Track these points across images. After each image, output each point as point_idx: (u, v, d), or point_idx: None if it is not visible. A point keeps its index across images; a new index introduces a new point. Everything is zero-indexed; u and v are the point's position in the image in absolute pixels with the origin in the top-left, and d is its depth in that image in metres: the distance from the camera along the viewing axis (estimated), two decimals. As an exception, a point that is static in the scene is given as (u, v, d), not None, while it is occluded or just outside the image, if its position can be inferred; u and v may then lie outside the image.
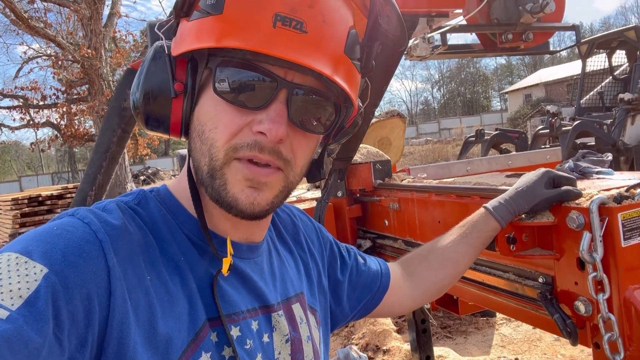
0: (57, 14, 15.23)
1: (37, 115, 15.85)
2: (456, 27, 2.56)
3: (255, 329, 0.77)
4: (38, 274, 0.56)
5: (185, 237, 0.74)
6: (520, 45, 2.80)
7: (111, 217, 0.68)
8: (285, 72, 0.68)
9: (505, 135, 8.01)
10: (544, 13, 2.62)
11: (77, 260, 0.60)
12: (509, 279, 1.35)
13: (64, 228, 0.63)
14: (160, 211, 0.75)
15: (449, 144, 25.92)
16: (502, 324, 3.37)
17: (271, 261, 0.88)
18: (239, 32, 0.65)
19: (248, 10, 0.66)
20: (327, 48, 0.69)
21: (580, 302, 1.12)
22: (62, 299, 0.56)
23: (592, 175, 1.54)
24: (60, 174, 35.36)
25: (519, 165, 2.61)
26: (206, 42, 0.66)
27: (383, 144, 2.60)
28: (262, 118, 0.68)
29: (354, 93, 0.76)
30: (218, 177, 0.70)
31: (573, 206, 1.11)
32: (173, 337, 0.66)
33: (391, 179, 2.01)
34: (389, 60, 1.34)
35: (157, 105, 0.72)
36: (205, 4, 0.68)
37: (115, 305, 0.61)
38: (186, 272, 0.72)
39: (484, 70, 59.97)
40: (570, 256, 1.14)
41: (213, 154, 0.69)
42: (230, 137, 0.68)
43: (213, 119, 0.70)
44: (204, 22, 0.67)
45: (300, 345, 0.84)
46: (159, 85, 0.71)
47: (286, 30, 0.65)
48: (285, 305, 0.85)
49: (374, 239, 2.03)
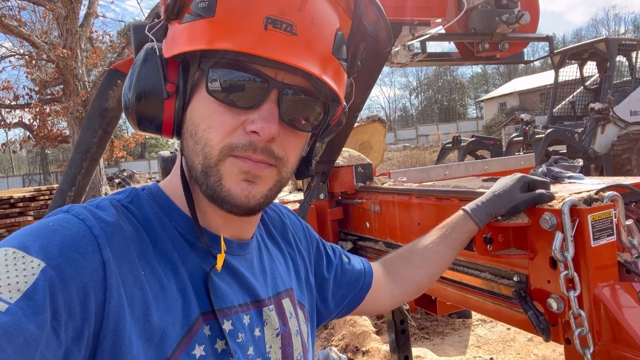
0: (31, 13, 14.90)
1: (8, 116, 15.42)
2: (435, 36, 2.64)
3: (247, 323, 0.79)
4: (36, 268, 0.57)
5: (177, 234, 0.76)
6: (496, 54, 2.90)
7: (105, 213, 0.69)
8: (276, 72, 0.71)
9: (481, 142, 8.19)
10: (519, 24, 2.72)
11: (73, 255, 0.61)
12: (485, 278, 1.41)
13: (60, 224, 0.64)
14: (152, 209, 0.77)
15: (427, 150, 26.28)
16: (478, 325, 3.44)
17: (261, 257, 0.90)
18: (231, 35, 0.67)
19: (239, 13, 0.68)
20: (316, 49, 0.72)
21: (553, 300, 1.17)
22: (59, 292, 0.58)
23: (564, 180, 1.61)
24: (31, 175, 34.45)
25: (495, 170, 2.69)
26: (199, 44, 0.68)
27: (364, 148, 2.64)
28: (255, 117, 0.70)
29: (342, 92, 0.79)
30: (213, 173, 0.72)
31: (546, 208, 1.17)
32: (167, 330, 0.67)
33: (372, 182, 2.06)
34: (373, 64, 1.38)
35: (150, 106, 0.73)
36: (197, 7, 0.69)
37: (111, 299, 0.62)
38: (179, 268, 0.73)
39: (460, 79, 61.05)
40: (543, 255, 1.20)
41: (207, 153, 0.71)
42: (224, 137, 0.71)
43: (206, 119, 0.72)
44: (197, 25, 0.69)
45: (289, 339, 0.87)
46: (151, 86, 0.73)
47: (277, 33, 0.68)
48: (276, 300, 0.87)
49: (355, 241, 2.06)
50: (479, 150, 8.35)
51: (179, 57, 0.72)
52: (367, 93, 1.51)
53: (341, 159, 2.03)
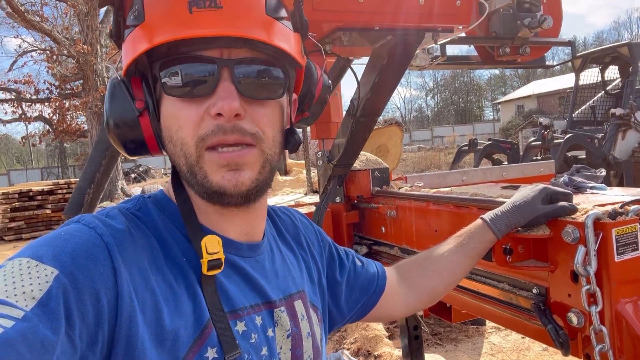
0: (53, 9, 15.16)
1: (29, 109, 15.74)
2: (455, 39, 2.61)
3: (260, 323, 0.80)
4: (49, 276, 0.59)
5: (184, 239, 0.77)
6: (517, 58, 2.86)
7: (115, 222, 0.71)
8: (220, 51, 0.72)
9: (497, 146, 8.10)
10: (541, 28, 2.68)
11: (85, 262, 0.63)
12: (504, 289, 1.39)
13: (71, 233, 0.66)
14: (159, 215, 0.78)
15: (442, 151, 26.07)
16: (492, 333, 3.40)
17: (273, 259, 0.90)
18: (161, 29, 0.70)
19: (164, 7, 0.71)
20: (247, 15, 0.72)
21: (573, 314, 1.15)
22: (72, 299, 0.59)
23: (586, 190, 1.58)
24: (49, 169, 35.03)
25: (513, 176, 2.65)
26: (137, 50, 0.71)
27: (380, 151, 2.63)
28: (214, 101, 0.71)
29: (295, 50, 0.78)
30: (197, 171, 0.73)
31: (569, 220, 1.15)
32: (180, 334, 0.68)
33: (389, 187, 2.04)
34: (394, 68, 1.37)
35: (128, 129, 0.77)
36: (131, 20, 0.74)
37: (123, 305, 0.63)
38: (188, 273, 0.74)
39: (477, 80, 60.48)
40: (564, 269, 1.18)
41: (186, 152, 0.73)
42: (194, 131, 0.72)
43: (175, 120, 0.74)
44: (134, 35, 0.73)
45: (300, 341, 0.87)
46: (122, 110, 0.76)
47: (203, 12, 0.69)
48: (287, 302, 0.88)
49: (370, 245, 2.05)
50: (495, 153, 8.25)
51: (134, 72, 0.76)
52: (387, 97, 1.50)
53: (358, 162, 2.02)
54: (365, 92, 1.43)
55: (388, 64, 1.36)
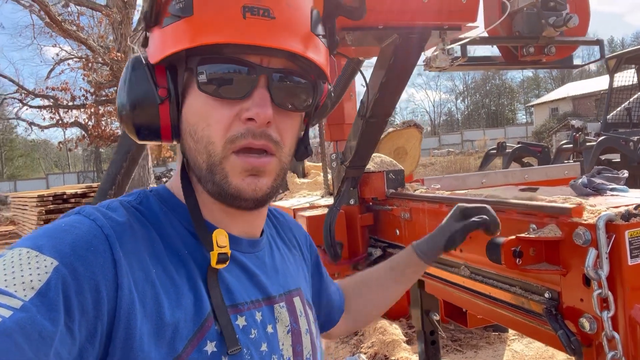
0: (89, 18, 15.70)
1: (66, 115, 16.30)
2: (476, 39, 2.57)
3: (260, 319, 0.80)
4: (49, 267, 0.58)
5: (186, 231, 0.77)
6: (542, 58, 2.78)
7: (116, 214, 0.71)
8: (261, 58, 0.72)
9: (527, 149, 7.90)
10: (567, 27, 2.60)
11: (85, 254, 0.62)
12: (516, 292, 1.35)
13: (72, 224, 0.66)
14: (161, 209, 0.78)
15: (472, 155, 25.63)
16: (514, 340, 3.31)
17: (273, 255, 0.91)
18: (212, 29, 0.69)
19: (216, 7, 0.69)
20: (295, 29, 0.73)
21: (585, 319, 1.11)
22: (72, 290, 0.59)
23: (605, 192, 1.53)
24: (85, 172, 36.17)
25: (536, 179, 2.58)
26: (182, 44, 0.70)
27: (399, 153, 2.60)
28: (249, 105, 0.72)
29: (327, 68, 0.81)
30: (218, 171, 0.73)
31: (581, 222, 1.11)
32: (179, 326, 0.68)
33: (404, 189, 2.02)
34: (402, 67, 1.36)
35: (145, 114, 0.75)
36: (175, 9, 0.71)
37: (123, 297, 0.63)
38: (191, 266, 0.74)
39: (509, 83, 59.27)
40: (576, 272, 1.14)
41: (211, 151, 0.73)
42: (225, 132, 0.72)
43: (204, 117, 0.73)
44: (177, 26, 0.71)
45: (300, 337, 0.87)
46: (144, 95, 0.74)
47: (256, 19, 0.69)
48: (287, 298, 0.88)
49: (384, 248, 2.03)
50: (525, 157, 8.05)
51: (165, 61, 0.74)
52: (396, 97, 1.48)
53: (372, 164, 2.00)
54: (374, 93, 1.42)
55: (395, 64, 1.35)
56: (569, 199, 1.28)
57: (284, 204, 2.33)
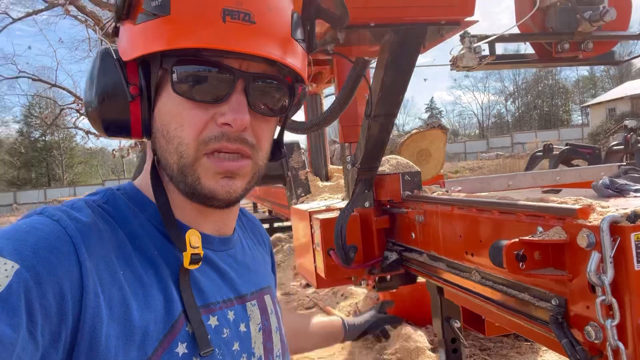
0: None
1: (119, 124, 17.01)
2: (505, 37, 2.48)
3: (232, 318, 0.79)
4: (9, 270, 0.57)
5: (157, 232, 0.76)
6: (578, 55, 2.64)
7: (81, 214, 0.69)
8: (239, 63, 0.71)
9: (576, 151, 7.52)
10: (603, 21, 2.46)
11: (48, 256, 0.60)
12: (524, 299, 1.28)
13: (33, 226, 0.64)
14: (129, 208, 0.77)
15: (522, 159, 24.70)
16: (547, 350, 3.13)
17: (244, 253, 0.91)
18: (191, 31, 0.67)
19: (195, 7, 0.67)
20: (276, 34, 0.72)
21: (591, 328, 1.04)
22: (34, 294, 0.57)
23: (629, 193, 1.43)
24: (139, 179, 37.62)
25: (569, 181, 2.45)
26: (158, 45, 0.68)
27: (422, 155, 2.54)
28: (224, 110, 0.71)
29: (304, 71, 0.79)
30: (189, 173, 0.72)
31: (585, 224, 1.04)
32: (149, 329, 0.67)
33: (421, 191, 1.97)
34: (401, 67, 1.33)
35: (115, 111, 0.73)
36: (151, 7, 0.69)
37: (88, 300, 0.62)
38: (160, 266, 0.73)
39: (563, 82, 56.82)
40: (582, 277, 1.06)
41: (182, 152, 0.72)
42: (197, 133, 0.71)
43: (177, 118, 0.72)
44: (153, 25, 0.69)
45: (270, 335, 0.87)
46: (113, 91, 0.72)
47: (236, 24, 0.67)
48: (259, 295, 0.88)
49: (400, 252, 1.99)
50: (574, 159, 7.67)
51: (137, 58, 0.72)
52: (399, 96, 1.45)
53: (388, 166, 1.97)
54: (377, 92, 1.39)
55: (393, 62, 1.32)
56: (580, 199, 1.21)
57: (302, 207, 2.33)
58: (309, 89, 3.64)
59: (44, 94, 28.16)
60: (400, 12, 1.13)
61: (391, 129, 1.58)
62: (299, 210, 2.25)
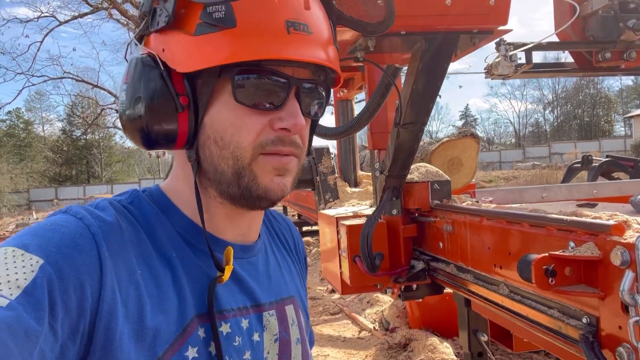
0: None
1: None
2: (543, 45, 2.42)
3: (246, 327, 0.79)
4: (34, 265, 0.59)
5: (177, 234, 0.77)
6: (620, 64, 2.56)
7: (104, 213, 0.71)
8: (293, 70, 0.73)
9: (617, 164, 7.18)
10: (648, 30, 2.37)
11: (71, 252, 0.62)
12: (553, 315, 1.24)
13: (58, 223, 0.66)
14: (152, 209, 0.78)
15: (559, 169, 23.96)
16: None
17: (267, 261, 0.90)
18: (261, 44, 0.68)
19: (260, 20, 0.68)
20: (327, 43, 0.76)
21: (624, 349, 1.00)
22: (56, 288, 0.59)
23: (669, 210, 1.37)
24: (174, 178, 38.48)
25: (607, 195, 2.36)
26: (227, 57, 0.68)
27: (453, 164, 2.50)
28: (282, 115, 0.73)
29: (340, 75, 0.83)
30: (246, 174, 0.73)
31: (619, 241, 1.00)
32: (161, 330, 0.68)
33: (450, 201, 1.94)
34: (432, 75, 1.31)
35: (161, 122, 0.72)
36: (211, 18, 0.68)
37: (105, 297, 0.63)
38: (178, 269, 0.74)
39: (606, 92, 54.87)
40: (615, 296, 1.02)
41: (239, 155, 0.73)
42: (255, 138, 0.73)
43: (234, 124, 0.73)
44: (218, 37, 0.68)
45: (288, 346, 0.86)
46: (161, 102, 0.72)
47: (298, 34, 0.71)
48: (278, 306, 0.87)
49: (427, 261, 1.97)
50: (614, 172, 7.34)
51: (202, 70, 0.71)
52: (429, 104, 1.43)
53: (417, 174, 1.95)
54: (406, 100, 1.38)
55: (424, 70, 1.30)
56: (616, 215, 1.16)
57: (330, 212, 2.33)
58: (340, 94, 3.65)
59: (86, 94, 29.23)
60: (432, 21, 1.11)
61: (420, 137, 1.56)
62: (326, 215, 2.25)
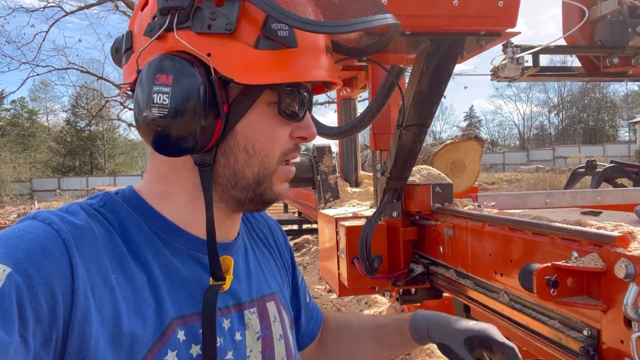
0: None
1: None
2: (551, 48, 2.39)
3: (227, 327, 0.78)
4: (1, 274, 0.56)
5: (155, 237, 0.75)
6: (628, 70, 2.52)
7: (74, 218, 0.69)
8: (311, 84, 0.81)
9: (621, 169, 7.14)
10: (657, 36, 2.34)
11: (40, 259, 0.60)
12: (553, 326, 1.22)
13: (26, 230, 0.64)
14: (127, 212, 0.76)
15: (563, 173, 23.89)
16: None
17: (247, 259, 0.90)
18: (314, 67, 0.75)
19: (313, 42, 0.74)
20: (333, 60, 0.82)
21: (625, 365, 0.97)
22: (26, 297, 0.57)
23: (675, 221, 1.34)
24: (176, 172, 38.60)
25: (611, 202, 2.33)
26: (293, 76, 0.73)
27: (456, 167, 2.48)
28: (302, 125, 0.79)
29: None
30: (265, 181, 0.78)
31: (623, 253, 0.97)
32: (138, 335, 0.66)
33: (451, 204, 1.91)
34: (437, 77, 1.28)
35: (206, 129, 0.70)
36: (276, 35, 0.69)
37: (78, 304, 0.61)
38: (154, 271, 0.72)
39: (611, 97, 54.65)
40: (618, 309, 1.00)
41: (266, 164, 0.77)
42: (282, 147, 0.78)
43: (267, 134, 0.76)
44: (282, 55, 0.70)
45: (271, 344, 0.85)
46: (211, 109, 0.69)
47: (329, 58, 0.79)
48: (259, 303, 0.86)
49: (427, 265, 1.94)
50: (618, 178, 7.29)
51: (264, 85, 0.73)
52: (433, 107, 1.41)
53: (419, 176, 1.92)
54: (409, 101, 1.36)
55: (428, 71, 1.28)
56: (620, 226, 1.14)
57: (329, 212, 2.30)
58: (344, 93, 3.62)
59: (91, 85, 29.24)
60: (439, 21, 1.09)
61: (423, 139, 1.54)
62: (326, 215, 2.23)
